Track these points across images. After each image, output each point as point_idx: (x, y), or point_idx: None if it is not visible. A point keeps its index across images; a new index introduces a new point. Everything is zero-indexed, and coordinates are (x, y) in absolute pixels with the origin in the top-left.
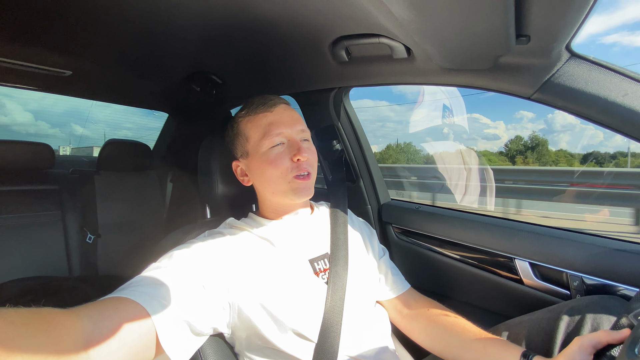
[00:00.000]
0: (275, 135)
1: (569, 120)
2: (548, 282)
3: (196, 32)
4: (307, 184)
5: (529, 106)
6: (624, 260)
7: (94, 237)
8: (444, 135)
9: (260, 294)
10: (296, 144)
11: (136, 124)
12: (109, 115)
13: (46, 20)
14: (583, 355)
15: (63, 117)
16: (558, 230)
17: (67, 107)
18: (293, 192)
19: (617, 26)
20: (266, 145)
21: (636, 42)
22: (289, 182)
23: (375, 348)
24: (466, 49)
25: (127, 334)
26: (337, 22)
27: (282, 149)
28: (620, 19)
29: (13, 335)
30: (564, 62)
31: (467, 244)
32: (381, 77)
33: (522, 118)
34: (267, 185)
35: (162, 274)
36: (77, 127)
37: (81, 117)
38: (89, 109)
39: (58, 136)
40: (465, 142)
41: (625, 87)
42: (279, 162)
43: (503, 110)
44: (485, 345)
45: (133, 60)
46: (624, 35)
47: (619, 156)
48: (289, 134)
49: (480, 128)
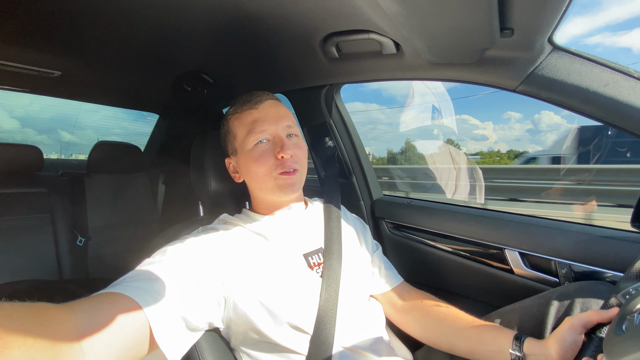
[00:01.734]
0: (259, 132)
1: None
2: (537, 271)
3: (187, 31)
4: (292, 179)
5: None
6: (610, 247)
7: (85, 240)
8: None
9: (255, 288)
10: (280, 141)
11: (125, 129)
12: (98, 120)
13: (35, 20)
14: (574, 335)
15: (50, 123)
16: (546, 220)
17: (55, 113)
18: (279, 189)
19: (600, 27)
20: (251, 143)
21: (619, 43)
22: (275, 179)
23: (370, 339)
24: (453, 42)
25: (121, 329)
26: (327, 19)
27: (266, 146)
28: (603, 19)
29: (10, 328)
30: (547, 54)
31: (458, 237)
32: (371, 73)
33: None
34: (254, 182)
35: (156, 269)
36: (64, 134)
37: (68, 123)
38: (77, 115)
39: (46, 143)
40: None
41: (606, 77)
42: (263, 159)
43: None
44: (478, 332)
45: (123, 61)
46: (607, 36)
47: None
48: (273, 131)
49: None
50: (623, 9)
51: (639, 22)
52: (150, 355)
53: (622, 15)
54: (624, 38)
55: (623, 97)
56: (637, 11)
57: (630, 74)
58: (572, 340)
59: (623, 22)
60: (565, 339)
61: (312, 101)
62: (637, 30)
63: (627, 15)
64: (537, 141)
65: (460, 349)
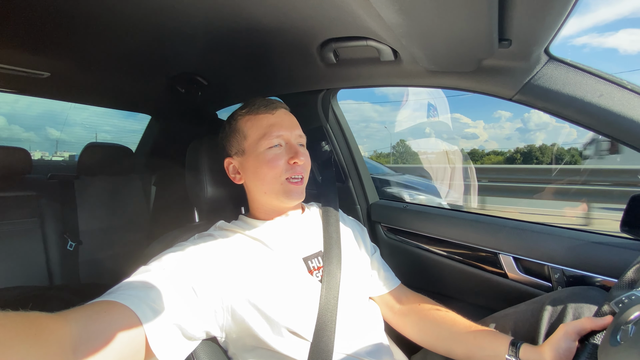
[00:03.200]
0: (275, 136)
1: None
2: (531, 275)
3: (181, 33)
4: (300, 188)
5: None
6: (602, 253)
7: (75, 244)
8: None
9: (253, 295)
10: (294, 147)
11: (116, 126)
12: (87, 118)
13: (24, 21)
14: (568, 342)
15: (37, 120)
16: (540, 225)
17: (42, 110)
18: (285, 194)
19: (588, 28)
20: (264, 145)
21: (605, 44)
22: (282, 184)
23: (370, 345)
24: (451, 52)
25: (116, 338)
26: (326, 25)
27: (279, 151)
28: (590, 20)
29: (2, 338)
30: (543, 64)
31: (453, 241)
32: (368, 79)
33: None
34: (259, 184)
35: (152, 277)
36: (52, 131)
37: (57, 121)
38: (67, 112)
39: (33, 140)
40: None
41: (601, 89)
42: (275, 162)
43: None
44: (475, 336)
45: (114, 61)
46: (594, 37)
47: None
48: (288, 137)
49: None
50: (610, 10)
51: (624, 23)
52: None
53: (609, 16)
54: (610, 39)
55: (616, 108)
56: (623, 12)
57: (623, 86)
58: (566, 347)
59: (610, 23)
60: (560, 346)
61: (308, 105)
62: (622, 31)
63: (614, 17)
64: (527, 140)
65: (457, 352)
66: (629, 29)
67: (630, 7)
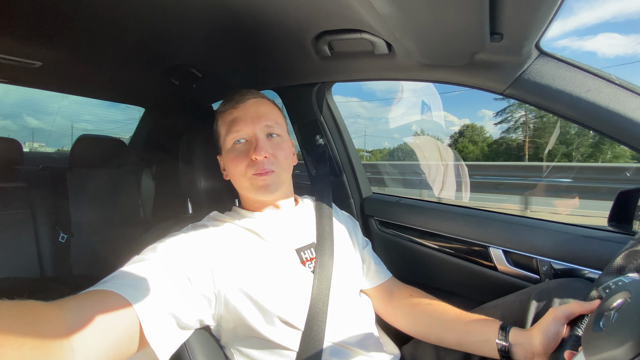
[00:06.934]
0: (235, 132)
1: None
2: (520, 268)
3: (176, 24)
4: (266, 180)
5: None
6: (589, 246)
7: (67, 237)
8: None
9: (246, 284)
10: (254, 142)
11: (97, 115)
12: (67, 106)
13: (15, 9)
14: (557, 326)
15: (14, 108)
16: (529, 219)
17: (18, 98)
18: (254, 189)
19: (569, 31)
20: (229, 142)
21: (584, 47)
22: (249, 179)
23: (360, 334)
24: (444, 45)
25: (111, 326)
26: (321, 17)
27: (243, 147)
28: (572, 24)
29: (1, 326)
30: (534, 59)
31: (445, 234)
32: (363, 73)
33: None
34: (234, 181)
35: (146, 266)
36: (30, 119)
37: (34, 109)
38: (45, 100)
39: (10, 128)
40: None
41: (589, 84)
42: (238, 160)
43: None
44: (465, 324)
45: (108, 53)
46: (573, 40)
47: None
48: (250, 131)
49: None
50: (591, 14)
51: (604, 27)
52: (140, 353)
53: (590, 19)
54: (589, 42)
55: (604, 102)
56: (603, 16)
57: (611, 81)
58: (555, 330)
59: (590, 26)
60: (549, 330)
61: (303, 98)
62: (601, 35)
63: (595, 20)
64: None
65: (448, 340)
66: (608, 33)
67: (612, 11)
